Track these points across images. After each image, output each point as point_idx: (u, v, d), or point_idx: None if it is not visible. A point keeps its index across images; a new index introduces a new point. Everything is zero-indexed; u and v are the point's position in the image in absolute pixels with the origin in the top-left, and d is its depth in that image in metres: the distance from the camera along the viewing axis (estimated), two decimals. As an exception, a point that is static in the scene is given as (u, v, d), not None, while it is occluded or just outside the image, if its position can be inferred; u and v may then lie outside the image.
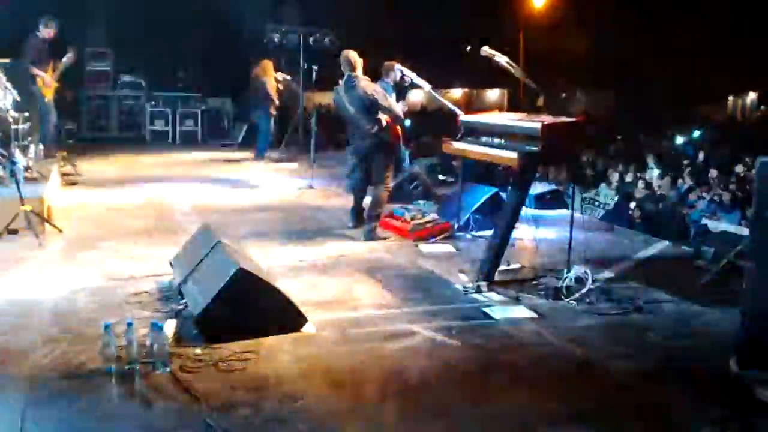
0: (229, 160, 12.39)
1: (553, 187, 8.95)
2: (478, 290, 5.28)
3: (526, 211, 5.99)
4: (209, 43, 15.22)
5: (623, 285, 5.56)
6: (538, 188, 8.37)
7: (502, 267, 5.56)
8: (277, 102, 12.27)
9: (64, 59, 9.94)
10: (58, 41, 10.01)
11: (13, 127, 7.98)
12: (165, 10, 14.53)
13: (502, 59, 5.75)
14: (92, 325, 4.40)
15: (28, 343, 4.16)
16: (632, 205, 10.38)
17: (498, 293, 5.27)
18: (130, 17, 14.76)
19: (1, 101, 7.92)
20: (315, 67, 10.30)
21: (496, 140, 5.45)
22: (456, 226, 7.01)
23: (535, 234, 6.41)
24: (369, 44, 12.58)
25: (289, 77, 12.36)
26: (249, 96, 12.55)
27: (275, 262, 5.88)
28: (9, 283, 5.25)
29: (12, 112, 8.04)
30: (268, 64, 12.36)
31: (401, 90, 8.91)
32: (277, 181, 10.26)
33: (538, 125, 5.11)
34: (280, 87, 12.41)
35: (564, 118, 5.34)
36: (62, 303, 4.85)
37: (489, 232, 6.29)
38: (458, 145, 5.75)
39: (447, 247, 6.62)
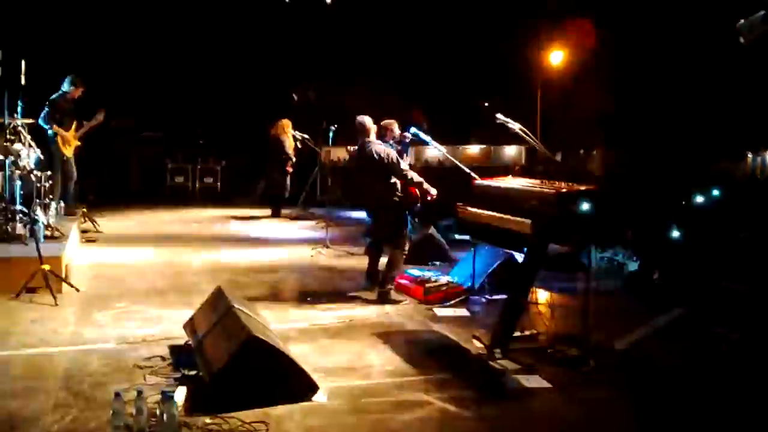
0: (247, 217, 12.49)
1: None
2: (493, 358, 5.21)
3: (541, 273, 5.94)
4: (229, 101, 15.51)
5: (642, 353, 5.47)
6: (552, 248, 8.30)
7: (517, 333, 5.50)
8: (294, 160, 12.43)
9: (93, 120, 10.19)
10: (82, 99, 10.27)
11: (36, 185, 8.14)
12: (185, 68, 14.89)
13: (515, 126, 5.81)
14: (104, 389, 4.39)
15: (40, 408, 4.15)
16: (653, 267, 10.23)
17: (513, 361, 5.19)
18: (153, 75, 15.12)
19: (25, 160, 8.08)
20: (333, 127, 10.44)
21: (510, 205, 5.45)
22: (470, 289, 6.97)
23: (550, 298, 6.36)
24: (388, 100, 12.80)
25: (306, 136, 12.54)
26: (267, 153, 12.72)
27: (288, 325, 5.88)
28: (25, 342, 5.27)
29: (35, 171, 8.19)
30: (286, 123, 12.57)
31: (401, 145, 9.05)
32: (293, 240, 10.31)
33: (553, 192, 5.12)
34: (298, 145, 12.58)
35: (579, 186, 5.34)
36: (75, 365, 4.85)
37: (504, 297, 6.24)
38: (472, 210, 5.76)
39: (461, 311, 6.57)
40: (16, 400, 4.24)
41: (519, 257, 6.81)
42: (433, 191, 6.97)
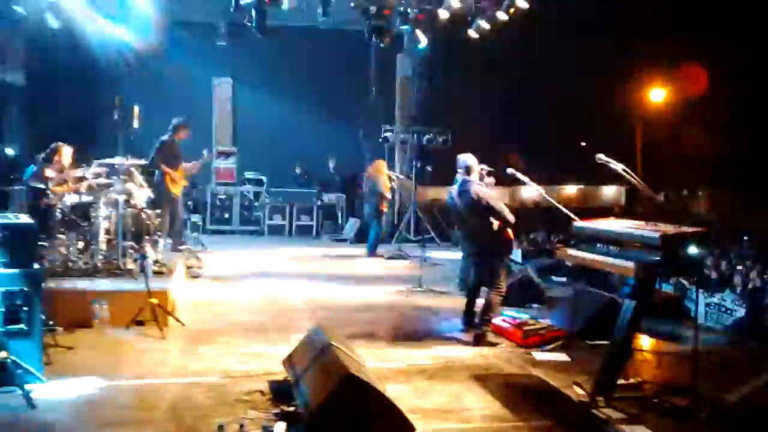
0: (342, 256, 12.66)
1: (671, 291, 8.54)
2: (595, 406, 5.03)
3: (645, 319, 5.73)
4: (325, 142, 15.90)
5: (754, 406, 5.15)
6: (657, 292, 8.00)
7: (621, 381, 5.29)
8: (389, 199, 12.55)
9: (201, 159, 10.68)
10: (189, 141, 10.80)
11: (146, 222, 8.54)
12: (284, 109, 15.41)
13: (617, 166, 5.67)
14: (207, 422, 4.52)
15: (146, 438, 4.32)
16: (762, 313, 9.67)
17: (617, 410, 4.99)
18: (254, 118, 15.74)
19: (137, 198, 8.51)
20: (429, 168, 10.52)
21: (613, 248, 5.29)
22: (570, 333, 6.78)
23: (655, 345, 6.10)
24: (484, 142, 12.78)
25: (402, 176, 12.66)
26: (362, 193, 12.91)
27: (383, 365, 5.88)
28: (133, 373, 5.50)
29: (146, 209, 8.61)
30: (381, 163, 12.76)
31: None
32: (387, 278, 10.36)
33: (658, 235, 4.94)
34: (393, 185, 12.72)
35: (685, 228, 5.14)
36: (181, 397, 5.02)
37: (606, 342, 6.03)
38: (573, 252, 5.63)
39: (561, 356, 6.39)
40: (125, 429, 4.42)
41: (620, 301, 6.63)
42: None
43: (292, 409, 4.67)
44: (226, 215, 15.60)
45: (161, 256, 8.69)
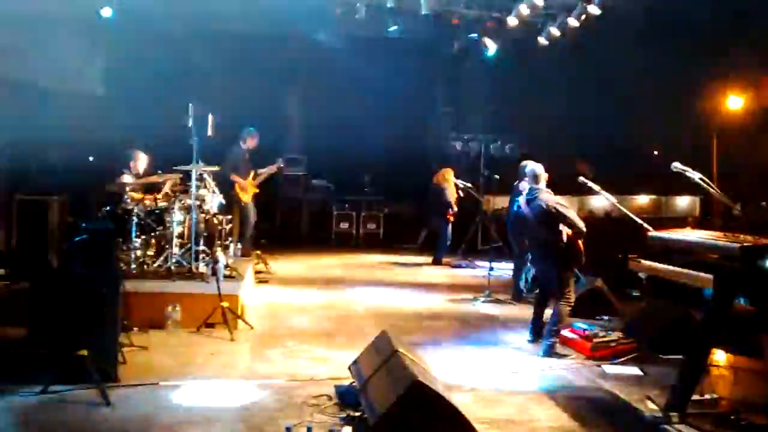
0: (408, 264, 12.67)
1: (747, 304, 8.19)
2: (669, 421, 4.86)
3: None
4: (393, 150, 15.94)
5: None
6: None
7: (696, 396, 5.11)
8: (455, 209, 12.50)
9: (272, 167, 10.92)
10: (258, 149, 11.02)
11: (218, 227, 8.75)
12: (351, 118, 15.53)
13: (694, 175, 5.50)
14: (275, 424, 4.59)
15: (216, 437, 4.41)
16: None
17: (691, 426, 4.82)
18: (323, 127, 15.92)
19: (209, 204, 8.73)
20: (496, 176, 10.44)
21: (690, 259, 5.13)
22: (642, 346, 6.59)
23: (732, 361, 5.88)
24: (552, 150, 12.61)
25: (469, 185, 12.59)
26: (429, 201, 12.90)
27: (449, 373, 5.83)
28: (204, 373, 5.64)
29: (217, 215, 8.82)
30: (448, 171, 12.72)
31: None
32: (453, 287, 10.31)
33: (737, 246, 4.77)
34: (460, 194, 12.66)
35: (765, 240, 4.94)
36: (249, 399, 5.11)
37: (680, 356, 5.84)
38: (647, 263, 5.48)
39: (633, 370, 6.22)
40: (196, 428, 4.53)
41: (698, 314, 6.41)
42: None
43: (358, 414, 4.69)
44: (295, 222, 15.82)
45: (231, 261, 8.88)
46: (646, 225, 6.40)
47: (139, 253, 8.02)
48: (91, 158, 10.42)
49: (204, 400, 5.04)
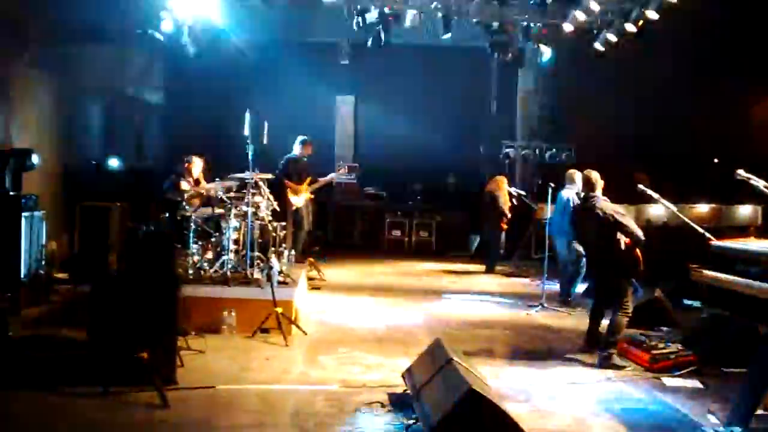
0: (460, 272, 12.59)
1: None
2: (732, 437, 4.72)
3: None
4: (446, 158, 15.91)
5: None
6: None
7: (760, 411, 4.93)
8: (509, 216, 12.38)
9: (333, 174, 11.04)
10: (311, 158, 11.13)
11: (273, 234, 8.84)
12: (406, 128, 15.57)
13: (759, 183, 5.34)
14: (328, 429, 4.61)
15: (271, 442, 4.45)
16: None
17: (755, 442, 4.67)
18: (376, 135, 16.00)
19: (264, 211, 8.84)
20: (551, 185, 10.27)
21: (754, 269, 4.98)
22: (703, 358, 6.39)
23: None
24: (608, 157, 12.38)
25: (523, 192, 12.46)
26: (482, 209, 12.80)
27: (502, 383, 5.77)
28: (259, 378, 5.70)
29: (272, 221, 8.92)
30: (501, 180, 12.61)
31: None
32: (507, 296, 10.20)
33: (806, 256, 4.60)
34: (514, 202, 12.54)
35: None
36: (303, 404, 5.14)
37: (743, 369, 5.66)
38: (710, 273, 5.34)
39: (693, 382, 6.04)
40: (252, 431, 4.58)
41: (763, 326, 6.20)
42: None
43: (412, 422, 4.68)
44: (348, 229, 15.90)
45: (285, 268, 8.97)
46: (707, 234, 6.23)
47: (196, 258, 8.16)
48: (114, 162, 10.68)
49: (259, 404, 5.09)
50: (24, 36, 9.00)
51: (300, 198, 10.81)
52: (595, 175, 6.84)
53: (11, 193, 7.71)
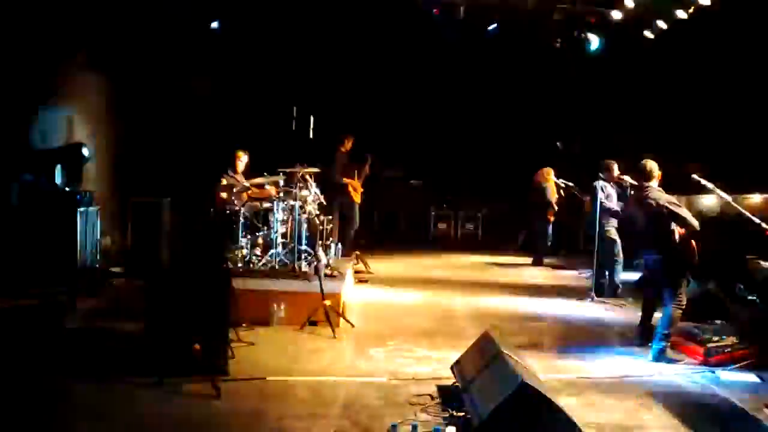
0: (508, 265, 12.51)
1: None
2: (792, 432, 4.60)
3: None
4: (492, 149, 15.79)
5: None
6: None
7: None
8: (556, 208, 12.24)
9: (365, 166, 11.07)
10: (355, 151, 11.18)
11: (319, 228, 8.91)
12: (450, 120, 15.49)
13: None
14: (379, 421, 4.63)
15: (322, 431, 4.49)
16: None
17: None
18: (420, 127, 15.95)
19: (311, 205, 8.91)
20: (601, 175, 10.12)
21: (815, 261, 4.83)
22: (760, 352, 6.23)
23: None
24: (658, 148, 12.12)
25: (571, 184, 12.30)
26: (529, 201, 12.69)
27: (554, 376, 5.72)
28: (308, 370, 5.75)
29: (319, 215, 8.99)
30: (549, 171, 12.47)
31: (624, 190, 8.56)
32: (555, 288, 10.10)
33: None
34: (561, 193, 12.39)
35: None
36: (353, 395, 5.17)
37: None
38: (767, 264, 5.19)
39: (750, 377, 5.89)
40: (302, 422, 4.63)
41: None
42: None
43: (461, 414, 4.66)
44: (393, 222, 15.93)
45: (333, 261, 9.03)
46: (764, 225, 6.05)
47: (245, 251, 8.28)
48: (86, 152, 10.87)
49: (309, 396, 5.14)
50: (80, 35, 9.22)
51: (359, 194, 10.95)
52: (651, 164, 6.70)
53: (67, 189, 7.93)
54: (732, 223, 10.18)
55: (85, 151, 8.17)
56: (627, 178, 8.01)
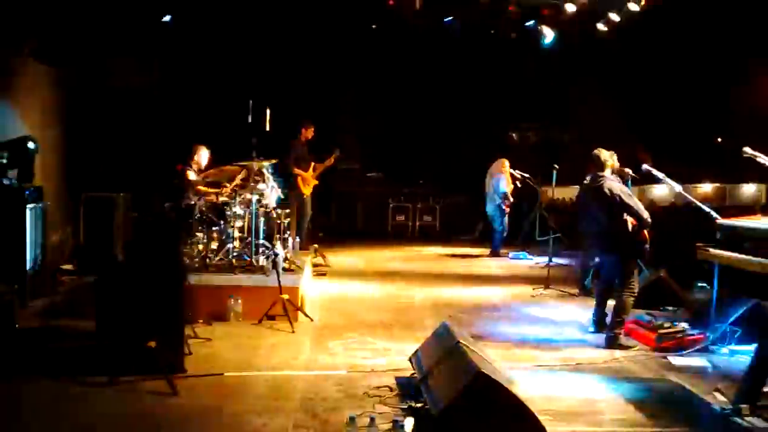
0: (465, 256, 12.60)
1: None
2: (739, 414, 4.72)
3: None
4: (448, 141, 15.87)
5: None
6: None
7: (767, 389, 4.94)
8: (511, 199, 12.37)
9: (331, 158, 10.99)
10: (314, 142, 11.11)
11: (277, 221, 8.84)
12: (405, 110, 15.51)
13: (766, 160, 5.31)
14: (338, 414, 4.62)
15: (280, 426, 4.46)
16: None
17: (763, 419, 4.67)
18: (376, 120, 15.95)
19: (268, 198, 8.83)
20: (556, 166, 10.26)
21: (762, 247, 4.96)
22: (710, 337, 6.40)
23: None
24: (611, 138, 12.33)
25: (526, 174, 12.43)
26: (485, 192, 12.79)
27: (510, 365, 5.78)
28: (267, 365, 5.71)
29: (276, 209, 8.91)
30: (503, 162, 12.58)
31: (625, 183, 8.65)
32: (511, 279, 10.21)
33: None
34: (517, 184, 12.51)
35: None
36: (311, 389, 5.15)
37: (749, 347, 5.67)
38: (716, 252, 5.33)
39: (700, 361, 6.05)
40: (260, 418, 4.59)
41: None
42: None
43: (420, 405, 4.68)
44: (351, 215, 15.90)
45: (290, 255, 8.97)
46: (714, 213, 6.21)
47: (201, 246, 8.16)
48: (32, 144, 10.71)
49: (268, 391, 5.10)
50: (27, 27, 8.96)
51: (310, 187, 10.84)
52: (604, 154, 6.81)
53: (14, 184, 7.71)
54: (683, 211, 10.44)
55: (31, 145, 7.93)
56: (628, 170, 7.80)
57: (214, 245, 8.36)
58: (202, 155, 9.05)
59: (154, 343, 5.14)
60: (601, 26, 12.14)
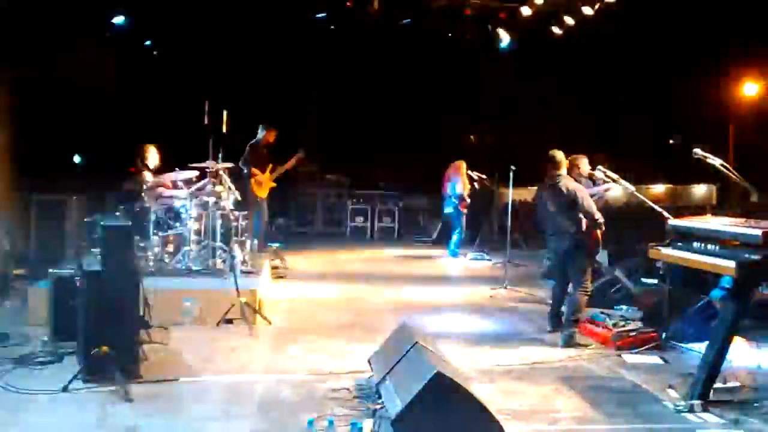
0: (424, 257, 12.65)
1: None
2: (691, 410, 4.84)
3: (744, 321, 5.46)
4: (406, 143, 15.92)
5: None
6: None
7: (718, 385, 5.07)
8: (468, 201, 12.46)
9: (294, 159, 10.90)
10: (276, 144, 11.01)
11: (234, 224, 8.75)
12: (365, 113, 15.53)
13: (715, 161, 5.45)
14: (296, 417, 4.60)
15: (238, 431, 4.41)
16: None
17: (714, 415, 4.79)
18: (335, 121, 15.92)
19: (225, 200, 8.73)
20: (513, 167, 10.36)
21: (711, 247, 5.08)
22: (663, 335, 6.54)
23: (756, 349, 5.82)
24: (566, 140, 12.52)
25: (484, 176, 12.54)
26: (442, 194, 12.86)
27: (468, 365, 5.83)
28: (224, 369, 5.65)
29: (234, 211, 8.82)
30: (461, 164, 12.65)
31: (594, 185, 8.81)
32: (470, 280, 10.29)
33: (759, 232, 4.71)
34: (475, 185, 12.60)
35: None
36: (269, 393, 5.12)
37: (701, 345, 5.81)
38: (667, 251, 5.43)
39: (653, 359, 6.18)
40: (217, 423, 4.55)
41: (716, 304, 6.36)
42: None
43: (378, 406, 4.69)
44: (309, 217, 15.84)
45: (248, 257, 8.89)
46: (665, 213, 6.35)
47: (156, 250, 8.04)
48: (106, 156, 10.49)
49: (225, 395, 5.05)
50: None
51: (265, 189, 10.73)
52: (560, 155, 6.92)
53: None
54: (636, 211, 10.64)
55: None
56: (599, 174, 7.76)
57: (170, 248, 8.25)
58: (153, 155, 8.83)
59: (108, 348, 5.04)
60: (556, 29, 12.31)
